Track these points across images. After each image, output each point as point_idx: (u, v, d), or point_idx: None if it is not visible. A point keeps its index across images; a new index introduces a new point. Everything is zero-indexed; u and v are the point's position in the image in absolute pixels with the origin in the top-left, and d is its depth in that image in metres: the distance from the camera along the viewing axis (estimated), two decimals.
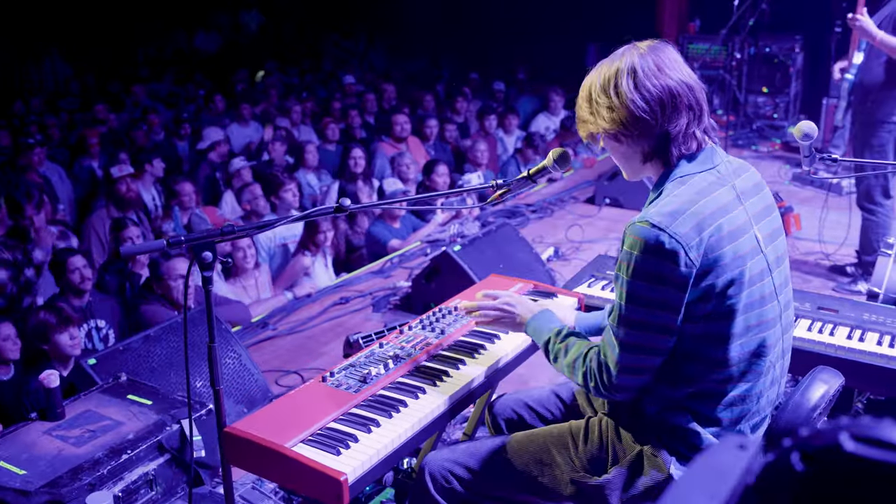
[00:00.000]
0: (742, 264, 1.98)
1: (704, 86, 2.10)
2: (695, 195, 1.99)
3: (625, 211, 7.25)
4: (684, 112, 2.04)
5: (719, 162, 2.10)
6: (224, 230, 2.06)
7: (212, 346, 2.14)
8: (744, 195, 2.08)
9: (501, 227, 5.54)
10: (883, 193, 5.06)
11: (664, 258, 1.92)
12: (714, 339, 2.01)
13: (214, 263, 2.06)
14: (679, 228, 1.92)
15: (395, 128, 8.41)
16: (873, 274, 3.95)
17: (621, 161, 2.20)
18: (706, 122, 2.09)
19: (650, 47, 2.06)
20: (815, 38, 9.41)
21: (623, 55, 2.07)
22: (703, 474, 0.75)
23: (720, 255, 1.95)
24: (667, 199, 2.00)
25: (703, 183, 2.02)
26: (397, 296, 5.38)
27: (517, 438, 2.37)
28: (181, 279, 4.69)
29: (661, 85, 2.02)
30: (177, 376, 3.72)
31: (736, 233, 1.99)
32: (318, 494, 2.08)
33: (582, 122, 2.17)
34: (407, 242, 6.50)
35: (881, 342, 2.85)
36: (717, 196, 2.01)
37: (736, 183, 2.09)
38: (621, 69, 2.04)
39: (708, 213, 1.96)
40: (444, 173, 7.38)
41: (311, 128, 9.43)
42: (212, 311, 2.12)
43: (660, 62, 2.03)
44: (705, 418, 2.09)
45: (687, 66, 2.09)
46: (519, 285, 3.16)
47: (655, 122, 2.03)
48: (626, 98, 2.02)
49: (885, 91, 4.88)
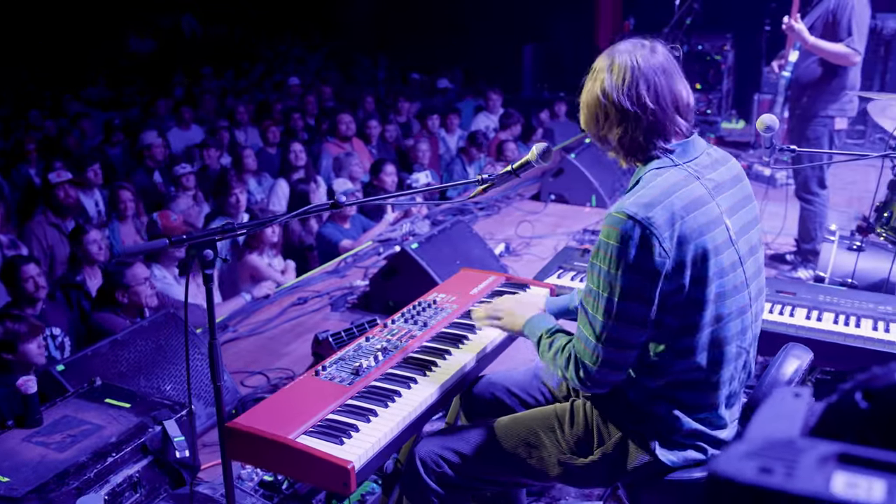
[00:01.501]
0: (714, 256, 2.05)
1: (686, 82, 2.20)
2: (669, 187, 2.06)
3: (570, 207, 7.40)
4: (671, 107, 2.12)
5: (699, 154, 2.18)
6: (225, 228, 2.10)
7: (213, 342, 2.17)
8: (717, 189, 2.15)
9: (456, 225, 5.61)
10: (819, 184, 5.31)
11: (639, 247, 1.99)
12: (687, 328, 2.09)
13: (215, 261, 2.09)
14: (654, 219, 1.99)
15: (340, 127, 8.42)
16: (819, 259, 4.15)
17: (608, 147, 2.25)
18: (692, 117, 2.19)
19: (645, 44, 2.15)
20: (745, 36, 9.75)
21: (617, 51, 2.15)
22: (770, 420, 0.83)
23: (692, 246, 2.02)
24: (643, 190, 2.07)
25: (677, 176, 2.10)
26: (355, 295, 5.41)
27: (504, 422, 2.44)
28: (147, 282, 4.65)
29: (648, 82, 2.10)
30: (146, 380, 3.70)
31: (709, 225, 2.06)
32: (325, 483, 2.14)
33: (581, 111, 2.24)
34: (358, 242, 6.54)
35: (837, 321, 3.03)
36: (690, 190, 2.08)
37: (711, 176, 2.16)
38: (614, 66, 2.12)
39: (681, 205, 2.03)
40: (392, 172, 7.44)
41: (255, 130, 9.38)
42: (213, 309, 2.14)
43: (654, 59, 2.12)
44: (685, 404, 2.18)
45: (675, 63, 2.18)
46: (492, 278, 3.24)
47: (644, 117, 2.11)
48: (618, 93, 2.10)
49: (819, 87, 5.12)
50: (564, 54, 13.36)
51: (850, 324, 3.02)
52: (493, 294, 3.11)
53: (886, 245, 3.99)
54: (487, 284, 3.18)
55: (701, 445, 2.21)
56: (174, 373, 3.83)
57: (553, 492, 3.42)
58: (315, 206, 2.25)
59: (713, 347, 2.13)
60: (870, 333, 2.95)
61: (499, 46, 13.02)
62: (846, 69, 5.02)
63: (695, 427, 2.19)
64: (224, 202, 6.34)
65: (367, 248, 6.31)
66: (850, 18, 4.90)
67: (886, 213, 4.01)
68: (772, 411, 0.86)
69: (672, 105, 2.14)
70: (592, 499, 3.39)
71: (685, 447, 2.21)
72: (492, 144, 9.20)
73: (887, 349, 2.85)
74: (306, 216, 2.29)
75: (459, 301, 3.02)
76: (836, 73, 5.04)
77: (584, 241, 6.35)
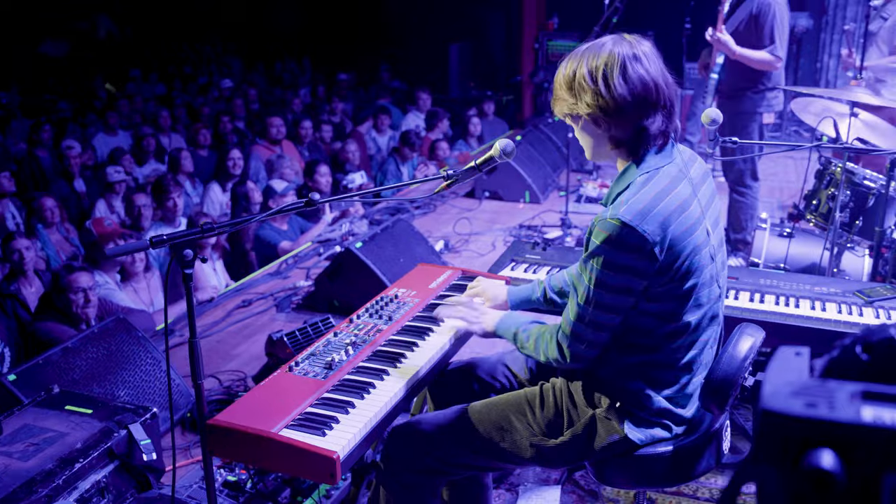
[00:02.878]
0: (696, 253, 2.19)
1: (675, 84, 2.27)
2: (661, 192, 2.14)
3: (505, 203, 7.55)
4: (660, 110, 2.18)
5: (677, 155, 2.28)
6: (205, 227, 2.13)
7: (193, 341, 2.20)
8: (696, 186, 2.27)
9: (398, 223, 5.68)
10: (752, 177, 5.56)
11: (633, 252, 2.10)
12: (668, 315, 2.23)
13: (193, 261, 2.12)
14: (647, 227, 2.09)
15: (270, 130, 8.40)
16: (752, 246, 4.36)
17: (590, 141, 2.29)
18: (675, 121, 2.25)
19: (636, 42, 2.20)
20: (666, 34, 10.04)
21: (612, 46, 2.17)
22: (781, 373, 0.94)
23: (681, 248, 2.14)
24: (637, 195, 2.14)
25: (667, 178, 2.18)
26: (299, 295, 5.44)
27: (476, 407, 2.52)
28: (82, 293, 4.59)
29: (646, 81, 2.15)
30: (100, 387, 3.67)
31: (693, 226, 2.18)
32: (310, 474, 2.19)
33: (561, 101, 2.25)
34: (298, 244, 6.55)
35: (778, 302, 3.23)
36: (679, 192, 2.18)
37: (692, 174, 2.28)
38: (611, 60, 2.14)
39: (670, 211, 2.13)
40: (326, 173, 7.48)
41: (183, 134, 9.27)
42: (192, 308, 2.17)
43: (645, 58, 2.17)
44: (657, 382, 2.31)
45: (663, 64, 2.24)
46: (449, 272, 3.33)
47: (636, 116, 2.17)
48: (614, 89, 2.13)
49: (747, 88, 5.38)
50: (491, 53, 13.55)
51: (790, 304, 3.21)
52: (452, 287, 3.20)
53: (814, 231, 4.22)
54: (445, 278, 3.27)
55: (667, 424, 2.34)
56: (127, 378, 3.80)
57: (511, 478, 3.53)
58: (290, 205, 2.30)
59: (692, 332, 2.27)
60: (808, 313, 3.14)
61: (425, 46, 13.12)
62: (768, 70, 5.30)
63: (664, 406, 2.32)
64: (162, 207, 6.27)
65: (308, 249, 6.34)
66: (772, 26, 5.15)
67: (815, 201, 4.24)
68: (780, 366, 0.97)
69: (665, 110, 2.20)
70: (550, 483, 3.51)
71: (653, 425, 2.34)
72: (423, 144, 9.30)
73: (825, 326, 3.05)
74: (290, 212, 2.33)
75: (420, 295, 3.10)
76: (760, 75, 5.31)
77: (520, 236, 6.50)
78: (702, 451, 2.39)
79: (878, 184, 3.95)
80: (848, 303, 3.18)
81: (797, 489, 0.68)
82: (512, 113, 12.19)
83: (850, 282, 3.59)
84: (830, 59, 10.45)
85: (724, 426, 2.49)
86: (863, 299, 3.19)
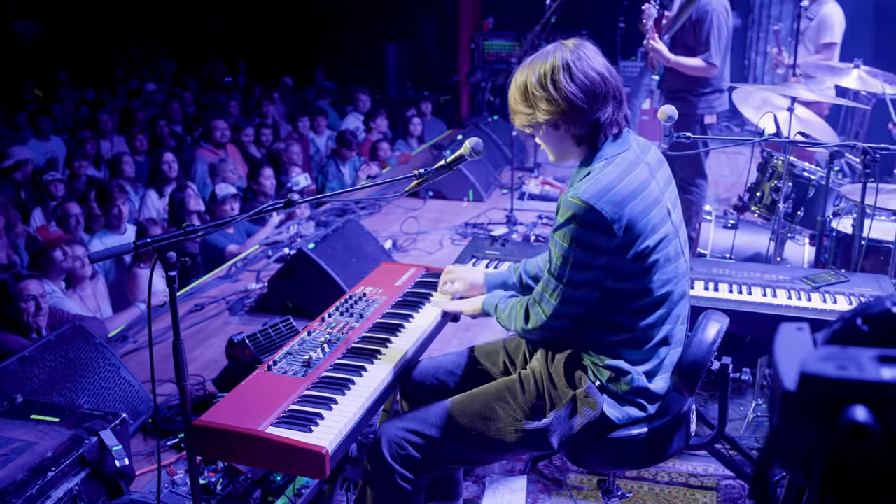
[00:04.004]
0: (657, 230, 2.33)
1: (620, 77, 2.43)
2: (620, 174, 2.31)
3: (449, 202, 7.62)
4: (611, 100, 2.35)
5: (633, 142, 2.44)
6: (187, 230, 2.15)
7: (177, 343, 2.21)
8: (654, 170, 2.43)
9: (348, 224, 5.71)
10: (701, 175, 5.73)
11: (594, 229, 2.26)
12: (638, 292, 2.37)
13: (177, 263, 2.14)
14: (605, 206, 2.25)
15: (214, 133, 8.33)
16: (699, 238, 4.53)
17: (554, 145, 2.45)
18: (625, 108, 2.42)
19: (576, 44, 2.36)
20: (600, 34, 10.24)
21: (554, 52, 2.35)
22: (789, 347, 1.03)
23: (641, 225, 2.29)
24: (597, 177, 2.31)
25: (625, 162, 2.35)
26: (251, 298, 5.42)
27: (458, 400, 2.60)
28: (32, 301, 4.51)
29: (592, 77, 2.31)
30: (59, 396, 3.63)
31: (652, 205, 2.33)
32: (299, 470, 2.23)
33: (519, 114, 2.42)
34: (245, 247, 6.52)
35: (732, 290, 3.37)
36: (637, 174, 2.34)
37: (648, 160, 2.44)
38: (556, 65, 2.31)
39: (629, 191, 2.29)
40: (270, 176, 7.46)
41: (121, 139, 9.12)
42: (176, 310, 2.19)
43: (587, 57, 2.33)
44: (634, 360, 2.43)
45: (605, 60, 2.40)
46: (413, 270, 3.39)
47: (590, 110, 2.33)
48: (565, 91, 2.30)
49: (687, 92, 5.53)
50: (426, 54, 13.63)
51: (743, 292, 3.36)
52: (418, 284, 3.26)
53: (757, 221, 4.40)
54: (410, 276, 3.33)
55: (642, 403, 2.45)
56: (87, 386, 3.76)
57: (478, 469, 3.60)
58: (268, 205, 2.33)
59: (659, 307, 2.40)
60: (761, 299, 3.30)
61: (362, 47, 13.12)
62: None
63: (642, 384, 2.43)
64: (107, 214, 6.17)
65: (256, 252, 6.31)
66: (708, 32, 5.30)
67: (759, 193, 4.42)
68: (786, 341, 1.06)
69: (616, 100, 2.37)
70: (515, 473, 3.59)
71: (629, 403, 2.44)
72: (364, 145, 9.32)
73: (777, 312, 3.21)
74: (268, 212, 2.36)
75: (388, 293, 3.16)
76: (701, 79, 5.47)
77: (466, 234, 6.58)
78: (672, 433, 2.50)
79: (818, 175, 4.14)
80: (797, 289, 3.35)
81: (836, 442, 0.77)
82: (450, 113, 12.28)
83: (796, 269, 3.77)
84: (757, 57, 10.81)
85: (691, 409, 2.60)
86: (810, 285, 3.36)
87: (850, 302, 3.25)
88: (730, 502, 3.35)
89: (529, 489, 3.46)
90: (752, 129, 9.63)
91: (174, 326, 2.20)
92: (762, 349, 3.68)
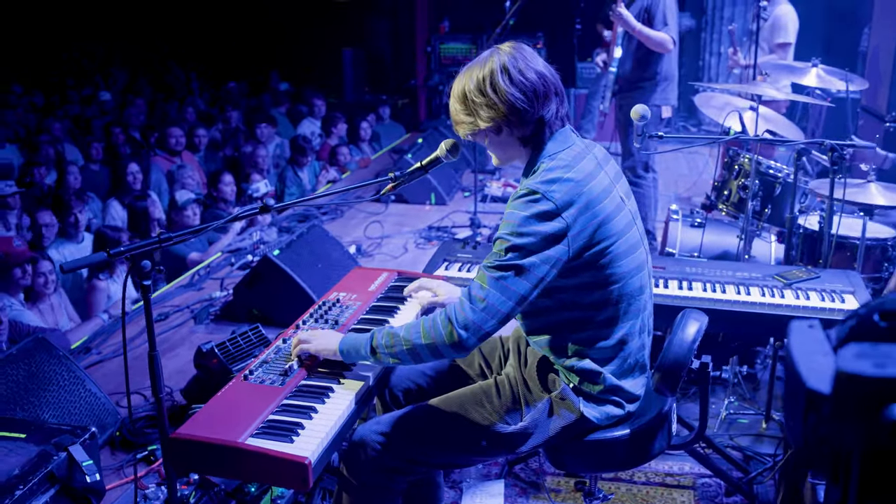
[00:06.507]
0: (611, 220, 2.30)
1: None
2: (566, 165, 2.29)
3: (411, 206, 7.59)
4: (553, 97, 2.35)
5: (577, 139, 2.43)
6: (161, 237, 2.09)
7: (153, 354, 2.15)
8: (602, 162, 2.43)
9: (312, 229, 5.65)
10: (644, 168, 5.78)
11: (543, 219, 2.21)
12: (595, 285, 2.33)
13: (152, 272, 2.08)
14: (555, 194, 2.22)
15: (169, 140, 8.19)
16: (667, 237, 4.55)
17: (499, 149, 2.44)
18: (566, 105, 2.42)
19: (512, 47, 2.35)
20: (557, 36, 10.31)
21: (490, 57, 2.33)
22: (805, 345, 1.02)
23: (592, 214, 2.25)
24: (547, 166, 2.30)
25: (571, 155, 2.34)
26: (216, 306, 5.33)
27: (435, 403, 2.56)
28: None
29: (531, 77, 2.30)
30: (23, 410, 3.52)
31: (602, 194, 2.31)
32: (281, 481, 2.18)
33: (461, 124, 2.41)
34: (207, 254, 6.42)
35: (706, 289, 3.39)
36: (584, 165, 2.32)
37: (594, 153, 2.43)
38: (494, 69, 2.30)
39: (578, 179, 2.26)
40: (230, 182, 7.36)
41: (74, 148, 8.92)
42: (151, 320, 2.13)
43: (524, 58, 2.32)
44: (601, 358, 2.41)
45: (543, 60, 2.40)
46: (385, 275, 3.35)
47: (533, 110, 2.31)
48: (505, 94, 2.28)
49: (642, 81, 5.59)
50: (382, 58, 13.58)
51: (717, 290, 3.38)
52: (391, 289, 3.22)
53: (724, 220, 4.44)
54: (383, 281, 3.29)
55: (619, 401, 2.44)
56: (51, 399, 3.66)
57: (454, 475, 3.57)
58: (245, 210, 2.28)
59: (622, 301, 2.37)
60: (735, 297, 3.31)
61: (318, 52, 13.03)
62: (662, 61, 5.50)
63: (615, 382, 2.41)
64: (63, 223, 6.03)
65: (219, 259, 6.21)
66: (664, 12, 5.37)
67: (726, 191, 4.46)
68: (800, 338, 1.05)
69: (557, 97, 2.37)
70: (492, 477, 3.57)
71: (606, 402, 2.43)
72: (323, 150, 9.24)
73: (751, 309, 3.24)
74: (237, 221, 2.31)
75: (361, 298, 3.12)
76: (655, 66, 5.52)
77: (430, 237, 6.55)
78: (655, 433, 2.50)
79: (784, 173, 4.19)
80: (769, 286, 3.37)
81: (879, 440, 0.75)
82: (408, 116, 12.25)
83: (767, 266, 3.80)
84: (712, 58, 10.94)
85: (672, 408, 2.60)
86: (782, 282, 3.39)
87: (823, 298, 3.28)
88: (707, 500, 3.37)
89: (507, 493, 3.45)
90: (708, 128, 9.78)
91: (150, 337, 2.15)
92: (734, 347, 3.71)
